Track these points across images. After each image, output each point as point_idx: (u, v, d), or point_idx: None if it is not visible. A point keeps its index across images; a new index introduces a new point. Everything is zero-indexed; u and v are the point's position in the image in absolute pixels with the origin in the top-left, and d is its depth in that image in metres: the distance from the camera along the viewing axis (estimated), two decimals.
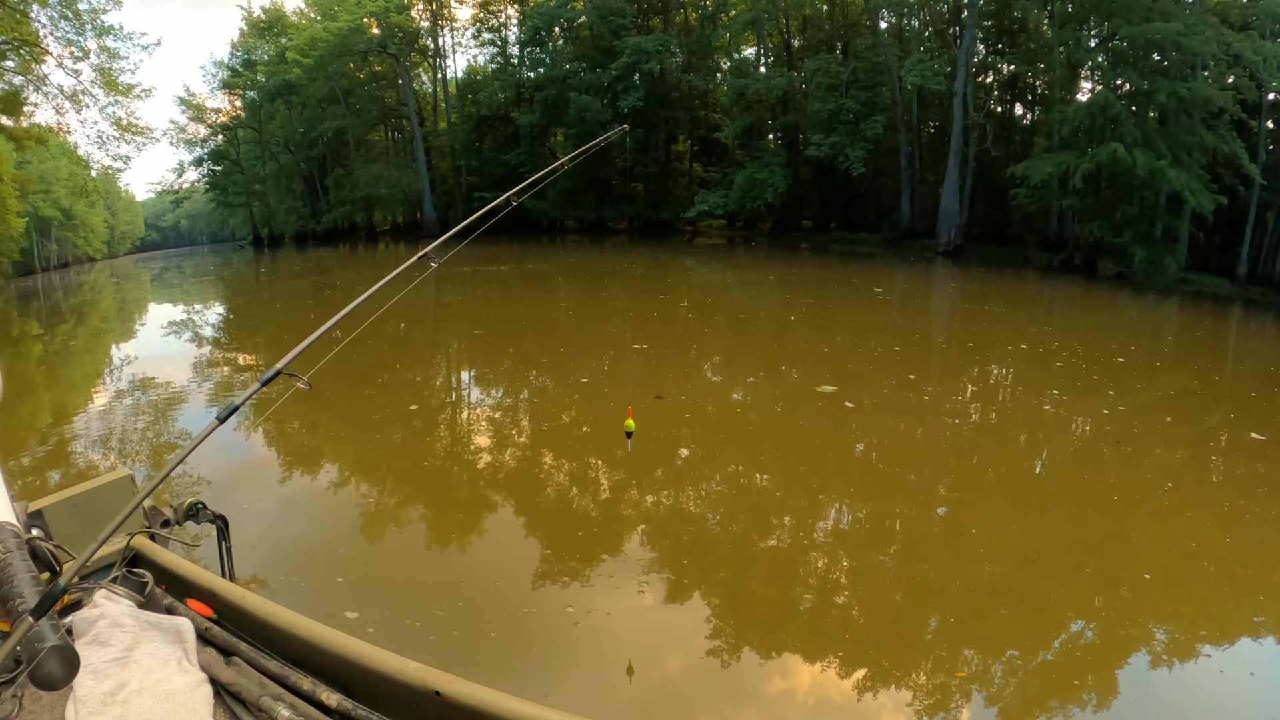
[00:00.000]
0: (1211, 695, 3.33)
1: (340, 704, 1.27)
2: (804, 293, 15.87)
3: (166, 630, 1.38)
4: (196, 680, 1.29)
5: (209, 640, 1.44)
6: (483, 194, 31.67)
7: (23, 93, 21.30)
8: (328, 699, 1.28)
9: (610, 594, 3.90)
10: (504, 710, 1.16)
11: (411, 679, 1.25)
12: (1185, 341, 11.82)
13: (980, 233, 23.70)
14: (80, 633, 1.32)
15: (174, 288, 24.32)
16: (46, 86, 21.48)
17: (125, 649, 1.30)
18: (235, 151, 42.10)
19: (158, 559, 1.66)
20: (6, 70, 20.52)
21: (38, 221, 34.87)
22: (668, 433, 6.60)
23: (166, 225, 70.15)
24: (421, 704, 1.24)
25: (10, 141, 21.99)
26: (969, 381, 8.70)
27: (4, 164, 22.49)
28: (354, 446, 6.65)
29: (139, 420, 7.56)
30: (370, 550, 4.62)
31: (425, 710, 1.24)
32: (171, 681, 1.26)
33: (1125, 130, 16.94)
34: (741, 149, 29.68)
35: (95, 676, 1.23)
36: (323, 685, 1.31)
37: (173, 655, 1.33)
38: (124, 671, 1.26)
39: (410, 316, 13.16)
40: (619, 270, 20.36)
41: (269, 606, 1.46)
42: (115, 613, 1.34)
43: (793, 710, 3.22)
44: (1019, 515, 4.97)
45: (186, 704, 1.22)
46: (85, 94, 22.24)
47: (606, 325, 12.64)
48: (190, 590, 1.58)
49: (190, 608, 1.51)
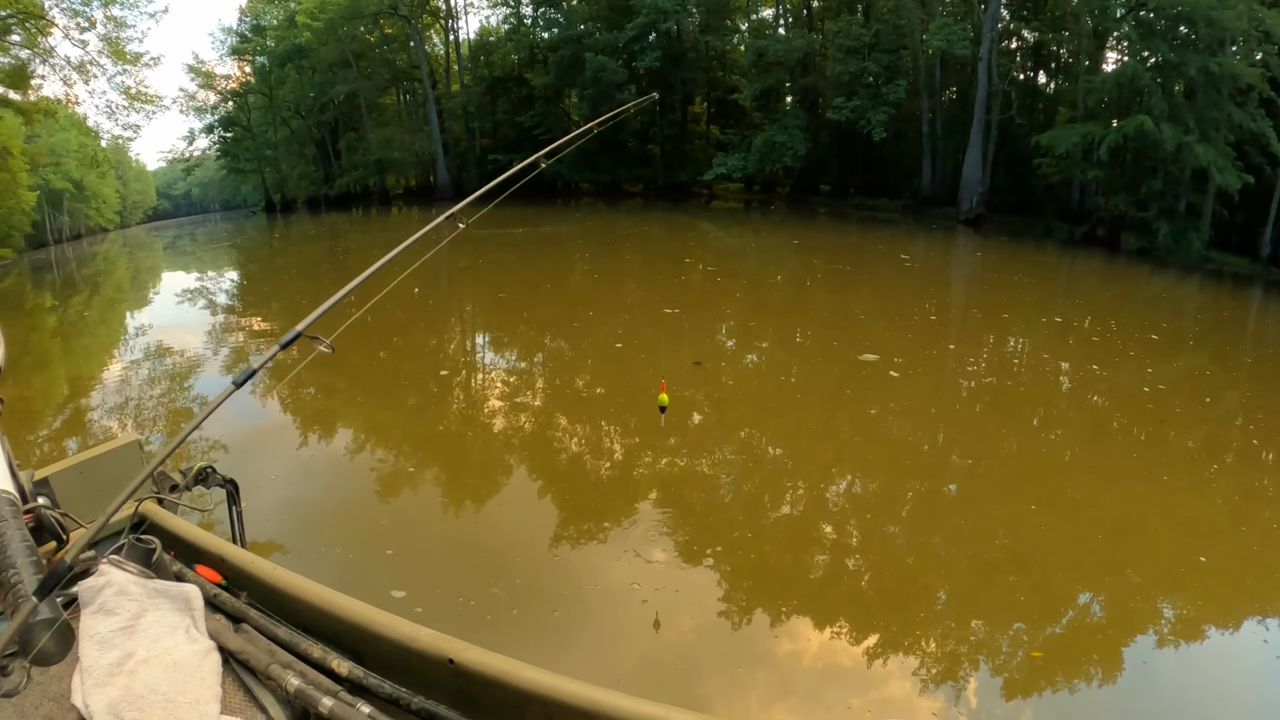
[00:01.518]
0: (1218, 676, 3.31)
1: (351, 671, 1.24)
2: (832, 258, 15.63)
3: (174, 598, 1.34)
4: (205, 649, 1.26)
5: (218, 607, 1.41)
6: (496, 156, 31.25)
7: (30, 65, 21.19)
8: (339, 667, 1.25)
9: (677, 572, 3.81)
10: (519, 679, 1.12)
11: (425, 646, 1.22)
12: (1216, 321, 11.53)
13: (1001, 202, 23.19)
14: (86, 601, 1.29)
15: (187, 255, 24.40)
16: (53, 59, 21.39)
17: (132, 617, 1.27)
18: (246, 118, 41.77)
19: (166, 525, 1.63)
20: (12, 44, 20.36)
21: (49, 194, 34.93)
22: (714, 401, 6.51)
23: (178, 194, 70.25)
24: (435, 672, 1.20)
25: (19, 116, 21.94)
26: (1010, 354, 8.57)
27: (13, 139, 22.47)
28: (390, 414, 6.59)
29: (155, 388, 7.62)
30: (417, 523, 4.48)
31: (439, 678, 1.20)
32: (179, 650, 1.23)
33: (1153, 103, 16.55)
34: (759, 111, 29.01)
35: (102, 646, 1.20)
36: (333, 652, 1.28)
37: (180, 623, 1.30)
38: (131, 641, 1.23)
39: (431, 281, 13.08)
40: (638, 233, 20.11)
41: (278, 572, 1.43)
42: (121, 580, 1.31)
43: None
44: (1100, 486, 4.91)
45: (194, 673, 1.19)
46: (93, 64, 22.15)
47: (633, 289, 12.48)
48: (199, 556, 1.55)
49: (199, 574, 1.48)
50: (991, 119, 22.02)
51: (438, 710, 1.16)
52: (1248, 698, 3.21)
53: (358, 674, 1.23)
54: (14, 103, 21.30)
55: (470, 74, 37.34)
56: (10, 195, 22.34)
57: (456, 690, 1.21)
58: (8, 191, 22.09)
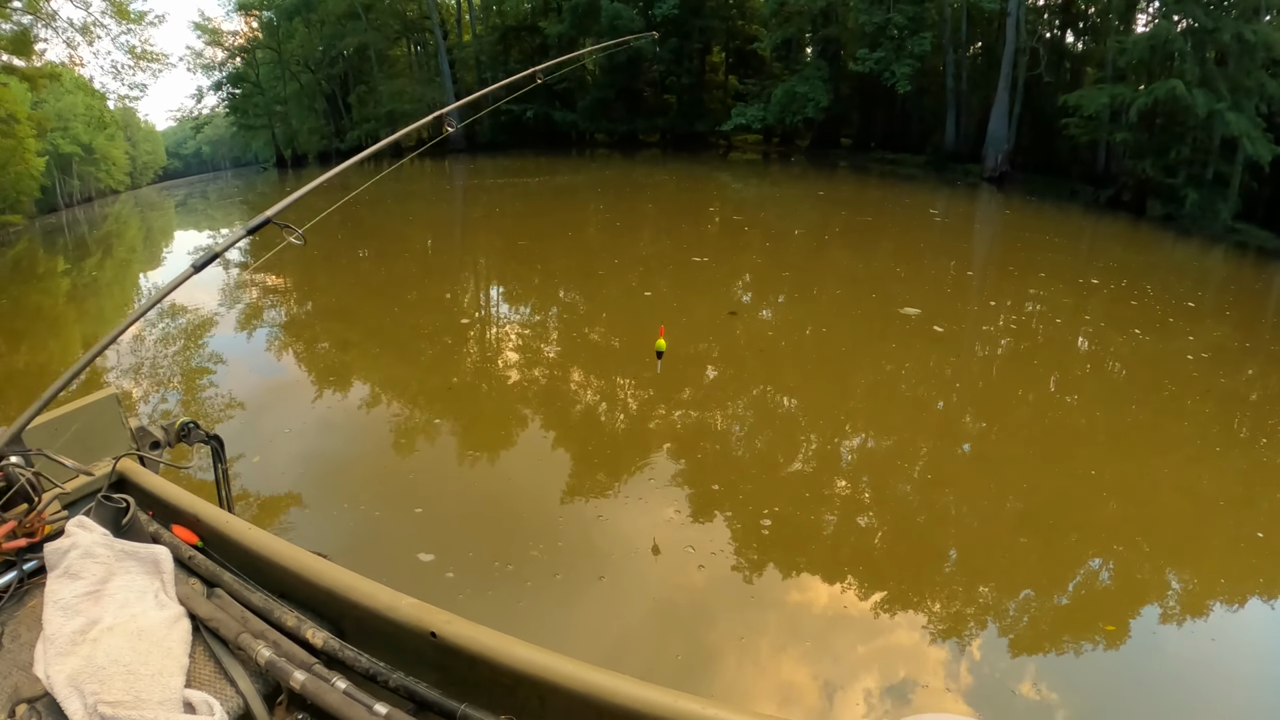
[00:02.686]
0: (1211, 654, 3.23)
1: (327, 643, 1.16)
2: (858, 211, 15.27)
3: (144, 560, 1.28)
4: (174, 615, 1.20)
5: (193, 570, 1.34)
6: (510, 107, 30.59)
7: (32, 30, 20.80)
8: (314, 637, 1.17)
9: (720, 530, 3.74)
10: (508, 656, 1.04)
11: (404, 617, 1.13)
12: (1249, 293, 11.14)
13: (1024, 161, 22.57)
14: (52, 565, 1.22)
15: (198, 214, 24.34)
16: (56, 22, 20.95)
17: (98, 582, 1.20)
18: (254, 73, 41.13)
19: (144, 483, 1.56)
20: (14, 11, 19.96)
21: (58, 159, 34.66)
22: (756, 352, 6.41)
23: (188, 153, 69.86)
24: (415, 644, 1.13)
25: (24, 82, 21.66)
26: (1051, 313, 8.28)
27: (19, 105, 22.17)
28: (417, 371, 6.46)
29: (169, 346, 7.62)
30: (447, 480, 4.34)
31: (419, 651, 1.13)
32: (146, 617, 1.17)
33: (1186, 68, 16.00)
34: (779, 62, 28.16)
35: (65, 613, 1.14)
36: (309, 621, 1.21)
37: (150, 588, 1.24)
38: (96, 607, 1.17)
39: (468, 227, 12.90)
40: (656, 183, 19.69)
41: (254, 533, 1.36)
42: (88, 542, 1.24)
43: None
44: (1161, 456, 4.86)
45: (161, 642, 1.12)
46: (96, 25, 21.74)
47: (658, 239, 12.22)
48: (176, 516, 1.47)
49: (176, 535, 1.41)
50: (1018, 76, 21.34)
51: (418, 688, 1.08)
52: (1251, 666, 3.18)
53: (333, 646, 1.16)
54: (18, 69, 21.02)
55: (482, 23, 36.45)
56: (18, 161, 22.19)
57: (441, 666, 1.13)
58: (15, 158, 21.93)
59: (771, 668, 2.98)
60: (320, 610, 1.27)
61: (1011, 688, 2.92)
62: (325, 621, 1.25)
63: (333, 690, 1.07)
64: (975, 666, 3.01)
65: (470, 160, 28.15)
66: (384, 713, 1.03)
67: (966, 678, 2.96)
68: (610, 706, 0.97)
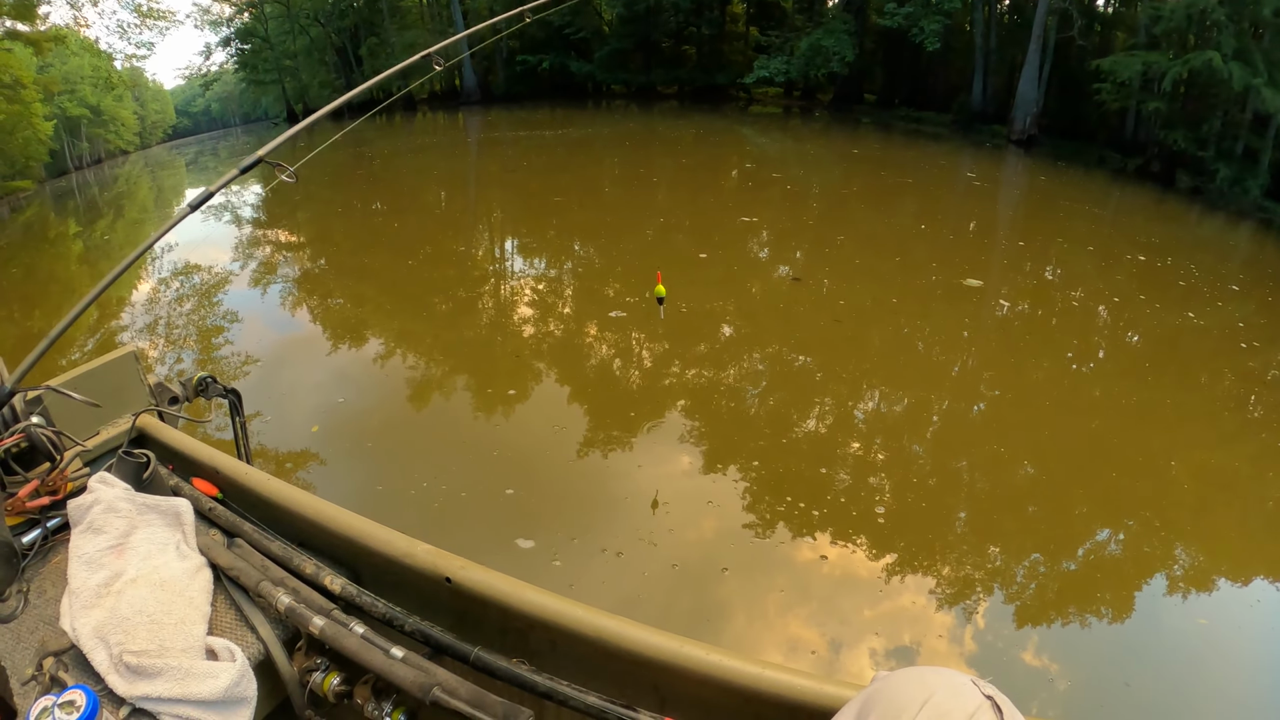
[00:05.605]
0: (1213, 630, 3.25)
1: (344, 589, 1.19)
2: (898, 172, 14.80)
3: (165, 513, 1.30)
4: (196, 565, 1.23)
5: (213, 521, 1.37)
6: (525, 58, 29.91)
7: None
8: (331, 584, 1.20)
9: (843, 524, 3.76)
10: (521, 601, 1.07)
11: (421, 563, 1.16)
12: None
13: (1051, 125, 21.90)
14: (76, 520, 1.25)
15: (209, 171, 24.21)
16: None
17: (121, 535, 1.23)
18: (263, 28, 40.33)
19: (163, 438, 1.58)
20: None
21: (66, 122, 34.21)
22: (827, 320, 6.41)
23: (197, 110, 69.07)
24: (431, 589, 1.15)
25: (29, 47, 21.35)
26: (1107, 289, 7.96)
27: (25, 70, 21.90)
28: (482, 339, 6.41)
29: (184, 305, 7.67)
30: (533, 455, 4.24)
31: (435, 597, 1.15)
32: (169, 568, 1.20)
33: (1222, 39, 15.37)
34: (801, 14, 27.22)
35: (90, 567, 1.17)
36: (327, 568, 1.24)
37: (171, 539, 1.26)
38: (120, 560, 1.19)
39: (499, 183, 12.70)
40: (680, 137, 19.14)
41: (273, 484, 1.38)
42: (110, 497, 1.27)
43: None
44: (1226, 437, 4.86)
45: (183, 592, 1.15)
46: None
47: (702, 197, 11.84)
48: (196, 469, 1.50)
49: (196, 488, 1.44)
50: (1049, 37, 20.57)
51: (432, 632, 1.10)
52: (1249, 644, 3.19)
53: (351, 592, 1.19)
54: (22, 34, 20.70)
55: None
56: (25, 126, 22.07)
57: (456, 611, 1.16)
58: (23, 123, 21.81)
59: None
60: (338, 557, 1.29)
61: (1014, 655, 2.96)
62: (343, 568, 1.27)
63: (350, 635, 1.10)
64: (979, 634, 3.05)
65: (484, 112, 27.57)
66: (400, 656, 1.06)
67: (970, 644, 3.00)
68: (620, 651, 0.99)
